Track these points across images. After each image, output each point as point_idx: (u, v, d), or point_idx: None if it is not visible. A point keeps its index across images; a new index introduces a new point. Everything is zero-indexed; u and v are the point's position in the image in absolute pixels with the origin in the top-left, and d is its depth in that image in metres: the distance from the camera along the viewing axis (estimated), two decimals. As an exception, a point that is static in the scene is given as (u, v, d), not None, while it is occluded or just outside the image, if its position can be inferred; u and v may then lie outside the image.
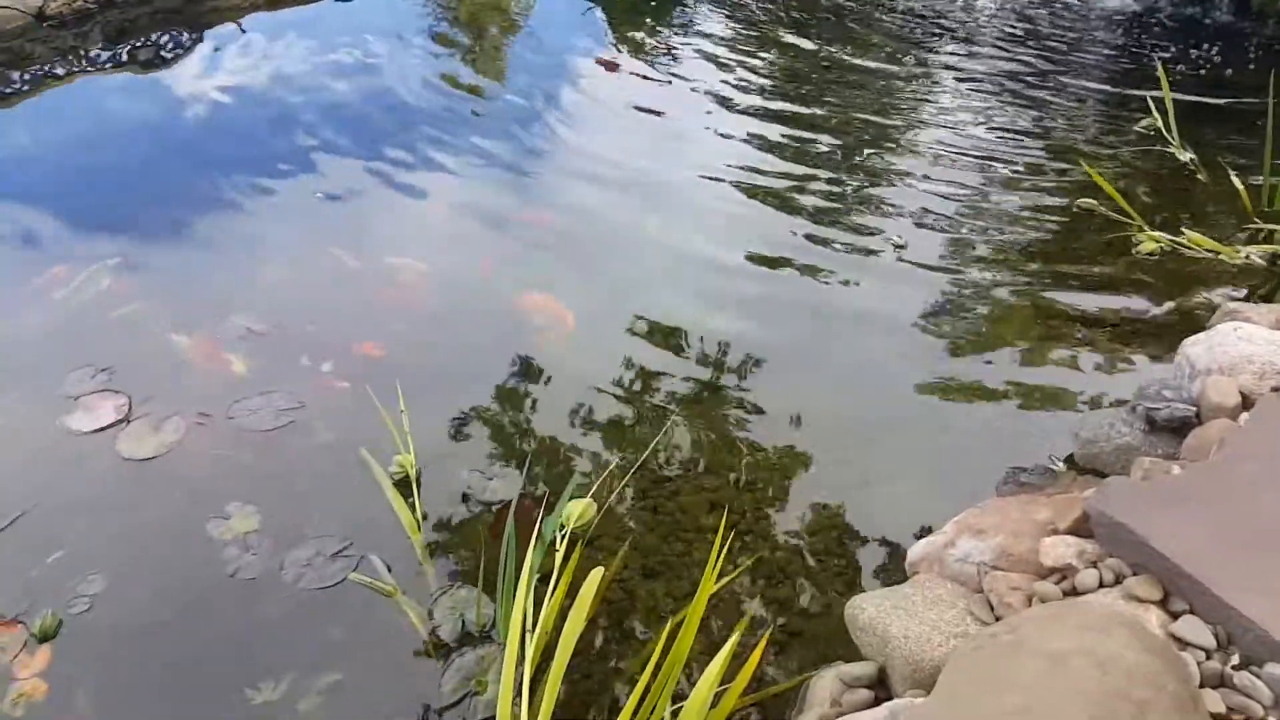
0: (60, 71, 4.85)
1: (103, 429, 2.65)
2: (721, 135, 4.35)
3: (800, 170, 4.01)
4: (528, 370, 2.94)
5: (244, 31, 5.40)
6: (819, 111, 4.51)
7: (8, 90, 4.64)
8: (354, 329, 3.10)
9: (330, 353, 2.97)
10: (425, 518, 2.37)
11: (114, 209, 3.76)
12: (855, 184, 3.93)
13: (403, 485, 2.43)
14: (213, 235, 3.63)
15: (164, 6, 5.59)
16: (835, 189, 3.89)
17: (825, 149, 4.17)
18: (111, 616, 2.18)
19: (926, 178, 3.93)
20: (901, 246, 3.50)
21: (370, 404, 2.61)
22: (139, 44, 5.14)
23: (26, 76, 4.75)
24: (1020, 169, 3.98)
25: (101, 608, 2.20)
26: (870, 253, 3.49)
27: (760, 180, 3.96)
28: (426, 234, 3.73)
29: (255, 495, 2.43)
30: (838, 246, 3.52)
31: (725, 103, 4.61)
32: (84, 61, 4.95)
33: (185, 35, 5.30)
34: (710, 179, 3.97)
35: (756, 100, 4.64)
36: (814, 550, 2.42)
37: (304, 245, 3.62)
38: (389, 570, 2.25)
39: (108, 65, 4.94)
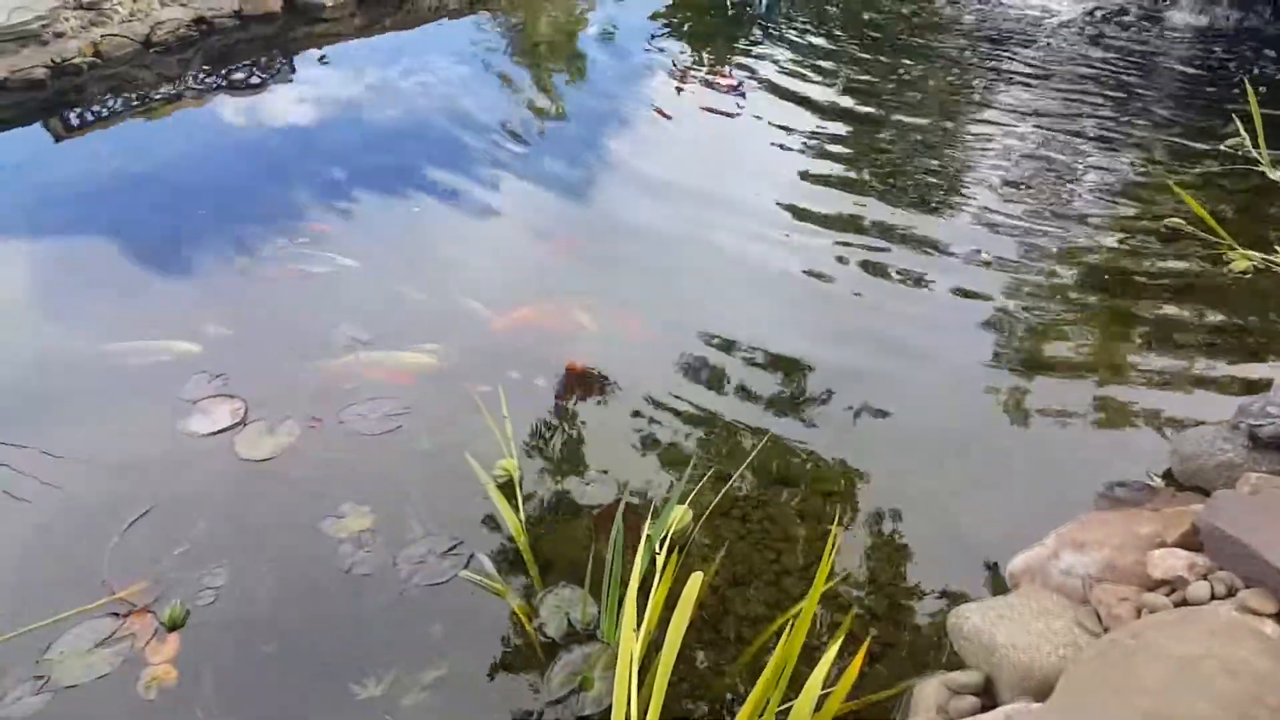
0: (164, 95, 5.12)
1: (220, 431, 2.79)
2: (785, 161, 4.41)
3: (871, 185, 4.06)
4: (613, 384, 3.02)
5: (327, 61, 5.63)
6: (890, 127, 4.54)
7: (116, 111, 4.92)
8: (451, 339, 3.22)
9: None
10: (528, 520, 2.45)
11: (215, 224, 3.96)
12: (937, 196, 3.95)
13: (505, 488, 2.51)
14: (313, 249, 3.79)
15: (260, 33, 5.87)
16: (911, 203, 3.93)
17: (895, 170, 4.20)
18: (234, 608, 2.30)
19: (1006, 193, 3.94)
20: (987, 263, 3.51)
21: (474, 409, 2.71)
22: (237, 68, 5.40)
23: (134, 100, 5.02)
24: (1103, 189, 3.96)
25: (225, 600, 2.31)
26: (950, 268, 3.51)
27: (831, 198, 4.02)
28: (503, 253, 3.87)
29: (367, 495, 2.54)
30: (916, 261, 3.55)
31: (790, 129, 4.69)
32: (187, 85, 5.22)
33: (280, 60, 5.56)
34: (774, 203, 4.05)
35: (824, 127, 4.70)
36: (903, 561, 2.44)
37: (397, 260, 3.77)
38: (497, 569, 2.33)
39: (209, 89, 5.19)
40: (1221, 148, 4.15)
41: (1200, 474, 2.33)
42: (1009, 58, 5.39)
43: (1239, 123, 4.08)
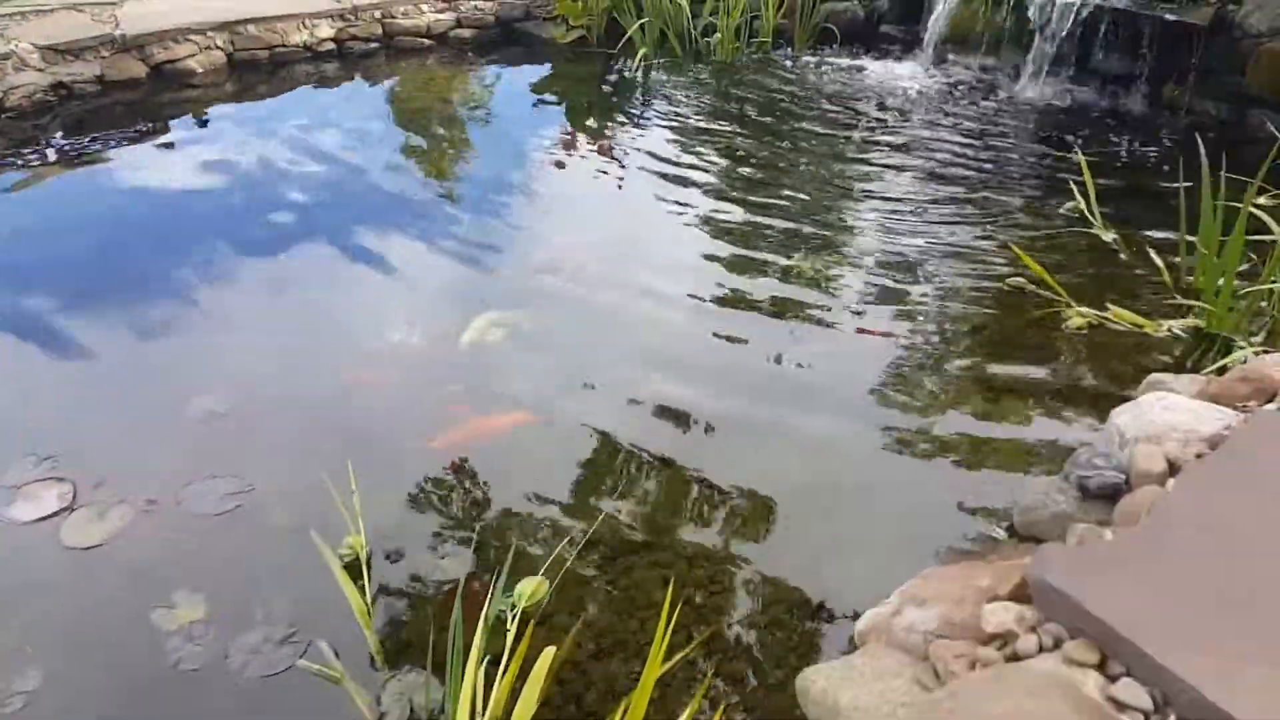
0: (18, 162, 4.88)
1: (45, 518, 2.60)
2: (673, 225, 4.51)
3: (752, 255, 4.16)
4: (480, 448, 2.96)
5: (205, 124, 5.50)
6: (766, 201, 4.69)
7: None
8: (313, 412, 3.12)
9: (284, 434, 2.98)
10: (375, 600, 2.35)
11: (70, 295, 3.78)
12: (804, 267, 4.06)
13: (353, 567, 2.41)
14: (175, 320, 3.66)
15: (125, 99, 5.69)
16: (785, 272, 4.03)
17: (773, 237, 4.33)
18: (47, 715, 2.11)
19: (866, 262, 4.09)
20: (860, 313, 3.64)
21: (321, 485, 2.60)
22: (100, 135, 5.20)
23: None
24: (955, 252, 4.15)
25: (37, 706, 2.12)
26: (822, 330, 3.61)
27: (711, 264, 4.10)
28: (380, 320, 3.77)
29: (203, 582, 2.39)
30: (789, 326, 3.63)
31: (674, 193, 4.79)
32: (43, 152, 4.99)
33: (146, 126, 5.39)
34: (664, 265, 4.12)
35: (703, 192, 4.82)
36: (768, 623, 2.43)
37: (265, 331, 3.66)
38: (336, 655, 2.21)
39: (69, 156, 4.99)
40: (1061, 212, 4.43)
41: (1038, 525, 2.40)
42: (873, 132, 5.66)
43: (1076, 189, 4.38)
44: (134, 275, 3.95)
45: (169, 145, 5.20)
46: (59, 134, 5.18)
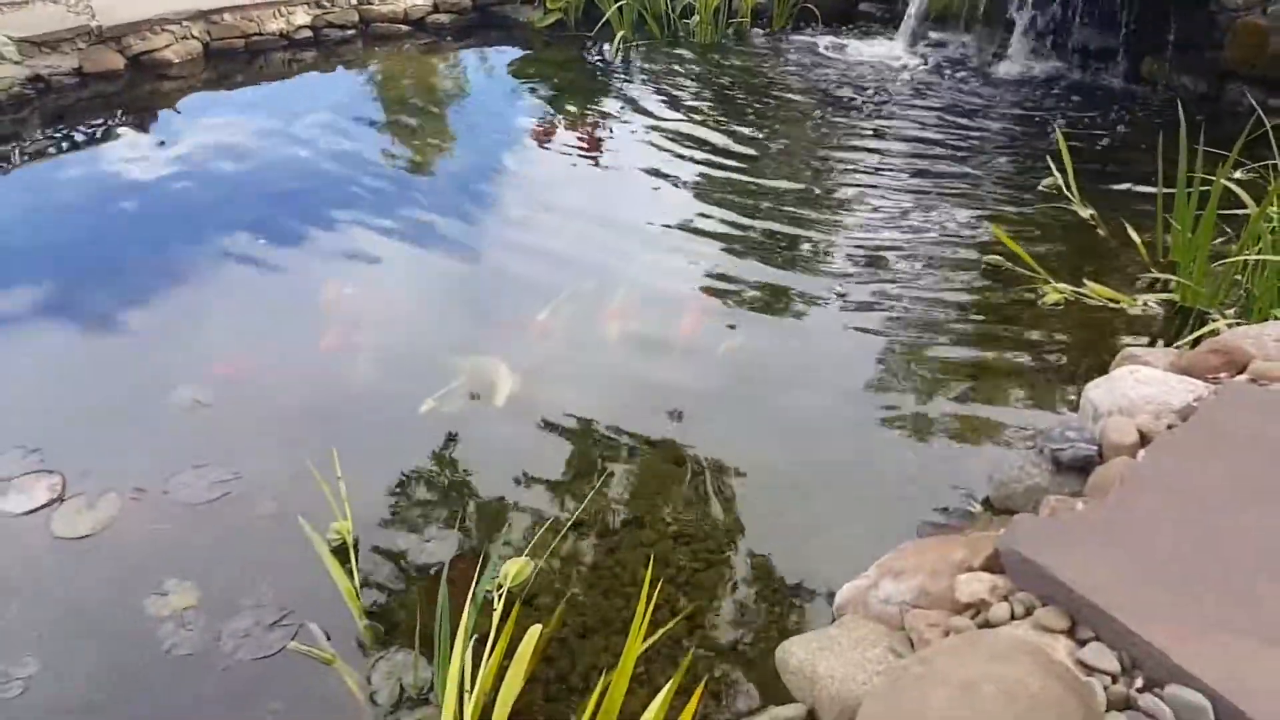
0: (-4, 155, 4.87)
1: (36, 510, 2.63)
2: (654, 206, 4.53)
3: (733, 233, 4.19)
4: (466, 430, 2.99)
5: (179, 113, 5.48)
6: (747, 186, 4.70)
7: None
8: (297, 399, 3.15)
9: (270, 422, 3.01)
10: (363, 583, 2.39)
11: (55, 286, 3.79)
12: (786, 248, 4.10)
13: (341, 552, 2.45)
14: (157, 310, 3.67)
15: (103, 91, 5.66)
16: (766, 253, 4.06)
17: (755, 221, 4.35)
18: (45, 700, 2.14)
19: (849, 241, 4.12)
20: (843, 294, 3.68)
21: (308, 472, 2.63)
22: (79, 127, 5.18)
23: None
24: (935, 230, 4.19)
25: (35, 691, 2.16)
26: (804, 309, 3.64)
27: (694, 242, 4.13)
28: (365, 306, 3.79)
29: (193, 569, 2.42)
30: (773, 306, 3.67)
31: (653, 181, 4.81)
32: (23, 145, 4.97)
33: (126, 118, 5.37)
34: (646, 244, 4.15)
35: (683, 178, 4.83)
36: (751, 598, 2.48)
37: (250, 318, 3.67)
38: (328, 637, 2.25)
39: (48, 149, 4.97)
40: (1039, 188, 4.47)
41: (1013, 499, 2.45)
42: (854, 111, 5.68)
43: (1054, 165, 4.42)
44: (114, 266, 3.97)
45: (148, 136, 5.19)
46: (38, 127, 5.16)
